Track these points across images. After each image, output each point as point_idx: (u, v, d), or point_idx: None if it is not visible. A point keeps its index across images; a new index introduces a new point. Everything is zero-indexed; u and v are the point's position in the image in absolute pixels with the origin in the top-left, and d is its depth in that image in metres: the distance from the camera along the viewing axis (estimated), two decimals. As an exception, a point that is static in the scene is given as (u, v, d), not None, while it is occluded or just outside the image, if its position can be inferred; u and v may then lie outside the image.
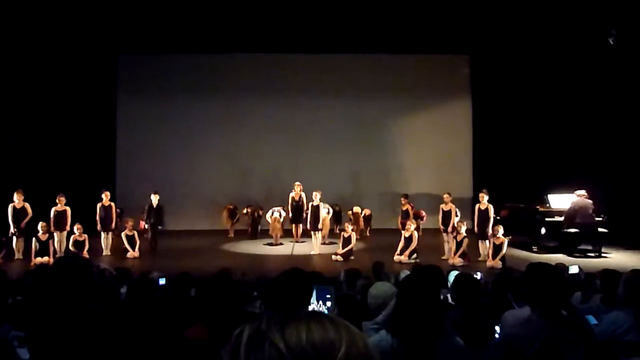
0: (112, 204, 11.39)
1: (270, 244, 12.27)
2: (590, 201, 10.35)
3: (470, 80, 15.34)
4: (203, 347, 2.46)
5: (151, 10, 12.49)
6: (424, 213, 13.27)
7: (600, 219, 10.44)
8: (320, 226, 11.53)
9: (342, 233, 10.83)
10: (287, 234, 12.80)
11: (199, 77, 14.82)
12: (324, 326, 0.81)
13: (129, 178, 14.15)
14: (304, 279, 2.82)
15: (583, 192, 10.41)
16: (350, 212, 13.01)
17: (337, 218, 13.30)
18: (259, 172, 14.07)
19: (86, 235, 10.57)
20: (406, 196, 12.88)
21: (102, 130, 14.33)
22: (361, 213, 13.37)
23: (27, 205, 10.54)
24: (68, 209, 10.73)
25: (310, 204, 11.68)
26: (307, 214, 11.76)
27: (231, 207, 13.77)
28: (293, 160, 14.51)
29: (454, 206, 11.00)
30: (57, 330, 2.30)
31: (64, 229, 10.64)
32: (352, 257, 10.32)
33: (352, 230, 10.98)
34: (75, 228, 10.48)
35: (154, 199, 11.68)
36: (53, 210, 10.58)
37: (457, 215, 11.13)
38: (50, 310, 2.40)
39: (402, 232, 10.47)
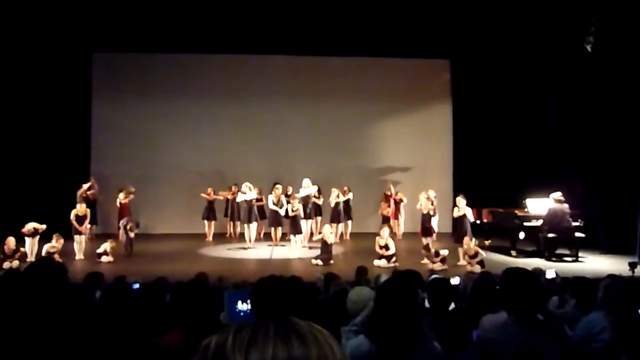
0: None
1: (245, 248, 12.10)
2: (566, 205, 10.44)
3: (451, 85, 15.44)
4: (176, 354, 2.41)
5: (126, 9, 12.36)
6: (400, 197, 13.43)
7: (578, 223, 10.56)
8: (300, 229, 11.50)
9: (321, 237, 10.78)
10: (266, 237, 12.72)
11: (175, 77, 14.60)
12: (290, 345, 0.80)
13: (103, 179, 13.87)
14: (281, 286, 2.76)
15: (559, 194, 10.44)
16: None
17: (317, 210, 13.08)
18: (238, 174, 13.87)
19: (61, 240, 10.31)
20: (386, 197, 12.95)
21: (76, 130, 14.05)
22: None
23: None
24: None
25: (289, 206, 11.61)
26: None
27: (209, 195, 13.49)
28: (273, 163, 14.43)
29: (432, 209, 11.07)
30: (27, 336, 2.23)
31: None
32: (332, 262, 10.28)
33: None
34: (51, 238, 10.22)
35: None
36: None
37: (434, 215, 11.19)
38: (20, 316, 2.33)
39: (378, 240, 10.35)
